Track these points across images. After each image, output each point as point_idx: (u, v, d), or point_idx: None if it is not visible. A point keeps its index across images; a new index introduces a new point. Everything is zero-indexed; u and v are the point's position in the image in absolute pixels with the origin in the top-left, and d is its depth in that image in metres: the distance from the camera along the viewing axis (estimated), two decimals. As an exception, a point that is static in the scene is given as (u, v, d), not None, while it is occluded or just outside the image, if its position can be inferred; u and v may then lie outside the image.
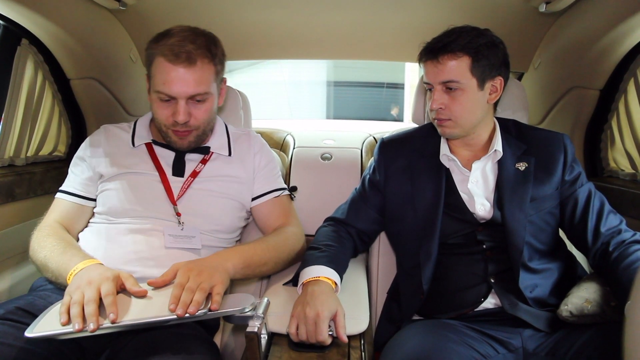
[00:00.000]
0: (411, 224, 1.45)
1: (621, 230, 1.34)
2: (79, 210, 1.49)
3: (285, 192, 1.65)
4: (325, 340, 1.15)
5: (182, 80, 1.35)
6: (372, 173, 1.59)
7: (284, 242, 1.49)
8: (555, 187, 1.40)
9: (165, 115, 1.41)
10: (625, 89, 1.71)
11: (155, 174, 1.48)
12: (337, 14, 1.95)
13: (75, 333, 1.03)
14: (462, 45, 1.32)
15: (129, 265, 1.32)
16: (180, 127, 1.41)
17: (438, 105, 1.37)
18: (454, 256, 1.40)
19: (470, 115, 1.38)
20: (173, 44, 1.35)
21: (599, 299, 1.20)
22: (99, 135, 1.57)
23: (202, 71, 1.37)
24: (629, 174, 1.72)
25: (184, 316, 1.06)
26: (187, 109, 1.39)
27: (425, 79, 1.41)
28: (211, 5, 1.89)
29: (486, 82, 1.37)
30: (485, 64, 1.34)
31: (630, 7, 1.46)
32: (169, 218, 1.42)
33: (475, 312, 1.36)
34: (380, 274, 1.68)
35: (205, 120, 1.46)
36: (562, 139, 1.44)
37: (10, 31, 1.65)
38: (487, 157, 1.42)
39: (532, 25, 1.90)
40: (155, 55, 1.37)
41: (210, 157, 1.55)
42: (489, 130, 1.46)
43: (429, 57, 1.37)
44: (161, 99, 1.39)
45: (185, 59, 1.34)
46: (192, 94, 1.37)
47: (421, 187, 1.45)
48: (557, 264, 1.41)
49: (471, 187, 1.41)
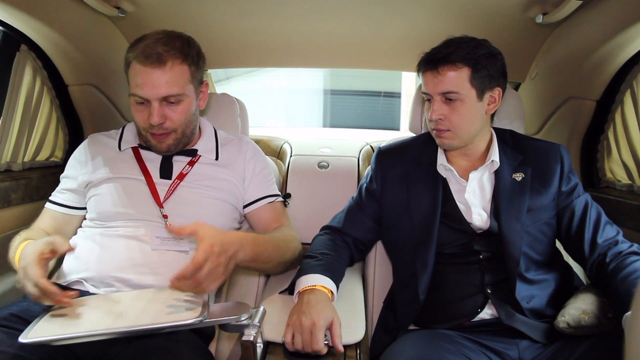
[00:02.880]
0: (408, 233, 1.45)
1: (618, 241, 1.34)
2: (67, 220, 1.51)
3: (279, 199, 1.64)
4: (321, 349, 1.15)
5: (153, 82, 1.35)
6: (368, 182, 1.59)
7: (287, 244, 1.49)
8: (552, 197, 1.40)
9: (142, 119, 1.40)
10: (622, 100, 1.72)
11: (142, 178, 1.48)
12: (334, 22, 1.96)
13: (69, 339, 1.02)
14: (462, 56, 1.32)
15: (122, 272, 1.31)
16: (156, 130, 1.41)
17: (437, 115, 1.36)
18: (451, 266, 1.40)
19: (469, 126, 1.38)
20: (145, 47, 1.35)
21: (596, 310, 1.20)
22: (86, 145, 1.57)
23: (173, 72, 1.37)
24: (626, 185, 1.73)
25: (179, 324, 1.05)
26: (162, 111, 1.38)
27: (424, 89, 1.40)
28: (209, 13, 1.90)
29: (485, 93, 1.37)
30: (484, 74, 1.34)
31: (627, 19, 1.48)
32: (155, 220, 1.42)
33: (472, 322, 1.35)
34: (377, 283, 1.68)
35: (182, 123, 1.44)
36: (559, 149, 1.45)
37: (10, 37, 1.66)
38: (484, 167, 1.42)
39: (529, 36, 1.91)
40: (130, 59, 1.38)
41: (197, 159, 1.55)
42: (486, 140, 1.47)
43: (429, 67, 1.37)
44: (136, 101, 1.39)
45: (156, 59, 1.34)
46: (164, 95, 1.36)
47: (418, 196, 1.45)
48: (553, 274, 1.41)
49: (468, 197, 1.41)
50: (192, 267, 1.07)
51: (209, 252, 1.09)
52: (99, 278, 1.31)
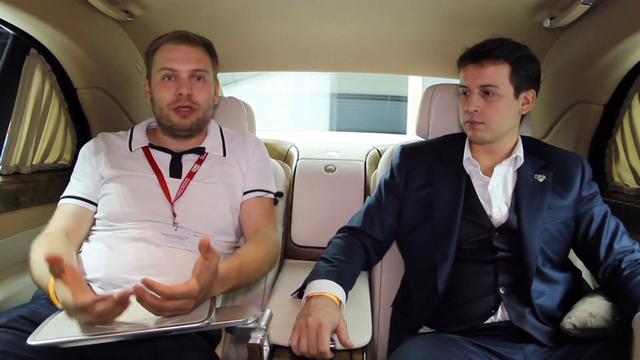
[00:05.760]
0: (429, 226, 1.46)
1: (635, 250, 1.35)
2: (82, 215, 1.48)
3: (270, 195, 1.64)
4: (326, 350, 1.15)
5: (186, 56, 1.48)
6: (389, 177, 1.59)
7: (269, 259, 1.46)
8: (572, 200, 1.43)
9: (169, 94, 1.48)
10: (630, 105, 1.71)
11: (153, 176, 1.49)
12: (341, 26, 1.96)
13: (77, 341, 1.02)
14: (505, 53, 1.37)
15: (130, 274, 1.31)
16: (183, 102, 1.48)
17: (474, 107, 1.40)
18: (466, 264, 1.41)
19: (502, 122, 1.41)
20: (175, 32, 1.52)
21: (604, 313, 1.20)
22: (98, 140, 1.60)
23: (202, 54, 1.52)
24: (634, 189, 1.72)
25: (186, 327, 1.06)
26: (190, 85, 1.48)
27: (463, 82, 1.44)
28: (216, 17, 1.91)
29: (521, 93, 1.41)
30: (523, 74, 1.38)
31: (635, 23, 1.47)
32: (165, 219, 1.42)
33: (483, 325, 1.36)
34: (383, 286, 1.68)
35: (205, 102, 1.54)
36: (580, 159, 1.49)
37: (20, 41, 1.67)
38: (509, 161, 1.45)
39: (537, 40, 1.91)
40: (158, 46, 1.52)
41: (205, 157, 1.57)
42: (513, 141, 1.49)
43: (472, 60, 1.41)
44: (165, 76, 1.48)
45: (187, 39, 1.50)
46: (195, 68, 1.49)
47: (441, 190, 1.47)
48: (565, 276, 1.41)
49: (491, 189, 1.43)
50: (169, 292, 1.05)
51: (192, 292, 1.08)
52: (107, 280, 1.32)
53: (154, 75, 1.51)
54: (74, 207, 1.48)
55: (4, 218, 1.61)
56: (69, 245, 1.36)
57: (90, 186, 1.51)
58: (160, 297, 1.05)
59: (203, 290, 1.10)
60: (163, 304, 1.05)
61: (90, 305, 1.02)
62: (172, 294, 1.05)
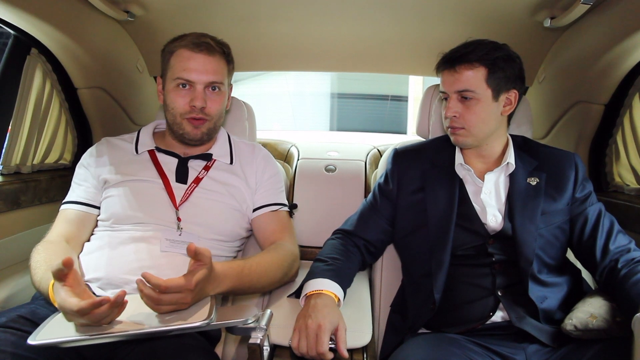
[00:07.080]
0: (423, 232, 1.45)
1: (630, 249, 1.35)
2: (84, 219, 1.47)
3: (285, 208, 1.65)
4: (325, 352, 1.14)
5: (202, 67, 1.46)
6: (384, 182, 1.59)
7: (279, 266, 1.44)
8: (566, 203, 1.41)
9: (183, 103, 1.48)
10: (630, 104, 1.71)
11: (159, 181, 1.49)
12: (342, 27, 1.96)
13: (77, 341, 1.02)
14: (479, 56, 1.35)
15: (130, 274, 1.31)
16: (196, 114, 1.48)
17: (452, 113, 1.39)
18: (462, 268, 1.40)
19: (483, 125, 1.40)
20: (195, 37, 1.49)
21: (605, 314, 1.20)
22: (102, 145, 1.59)
23: (219, 63, 1.50)
24: (634, 189, 1.72)
25: (187, 326, 1.06)
26: (204, 96, 1.47)
27: (442, 87, 1.43)
28: (217, 17, 1.91)
29: (501, 94, 1.39)
30: (501, 76, 1.36)
31: (635, 22, 1.47)
32: (169, 224, 1.43)
33: (483, 326, 1.36)
34: (384, 287, 1.67)
35: (218, 113, 1.54)
36: (574, 158, 1.46)
37: (21, 41, 1.67)
38: (500, 168, 1.43)
39: (537, 39, 1.91)
40: (175, 49, 1.49)
41: (212, 164, 1.57)
42: (502, 143, 1.48)
43: (446, 66, 1.40)
44: (180, 85, 1.47)
45: (206, 48, 1.47)
46: (211, 80, 1.48)
47: (434, 196, 1.46)
48: (565, 278, 1.41)
49: (484, 197, 1.42)
50: (164, 285, 1.05)
51: (187, 285, 1.08)
52: (107, 280, 1.32)
53: (169, 81, 1.50)
54: (75, 212, 1.48)
55: (5, 218, 1.61)
56: (70, 252, 1.35)
57: (92, 190, 1.50)
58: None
59: (198, 284, 1.10)
60: (159, 296, 1.06)
61: (87, 310, 1.02)
62: (167, 287, 1.05)
